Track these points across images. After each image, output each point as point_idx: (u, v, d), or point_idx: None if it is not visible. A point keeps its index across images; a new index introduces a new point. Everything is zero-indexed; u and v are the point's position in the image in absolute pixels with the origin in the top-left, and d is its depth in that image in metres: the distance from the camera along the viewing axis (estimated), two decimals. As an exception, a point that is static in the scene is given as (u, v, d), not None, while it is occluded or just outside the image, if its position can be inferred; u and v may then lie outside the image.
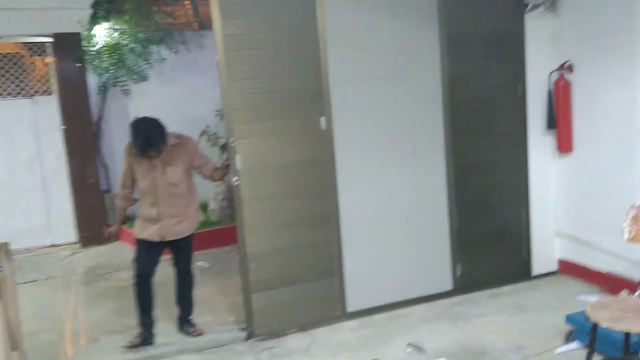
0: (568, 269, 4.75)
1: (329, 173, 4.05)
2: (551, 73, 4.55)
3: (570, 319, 3.58)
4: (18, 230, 6.20)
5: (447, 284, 4.46)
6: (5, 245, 2.95)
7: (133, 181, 3.90)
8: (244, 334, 3.97)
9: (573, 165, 4.60)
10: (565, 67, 4.48)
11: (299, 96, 3.94)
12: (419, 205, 4.35)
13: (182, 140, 3.89)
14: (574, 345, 3.53)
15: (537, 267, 4.78)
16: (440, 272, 4.44)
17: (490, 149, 4.52)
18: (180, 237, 3.87)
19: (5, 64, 6.52)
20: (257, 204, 3.90)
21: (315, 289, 4.09)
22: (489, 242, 4.58)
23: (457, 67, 4.31)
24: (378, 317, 4.20)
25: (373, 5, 4.10)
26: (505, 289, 4.58)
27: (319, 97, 3.98)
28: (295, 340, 3.94)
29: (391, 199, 4.26)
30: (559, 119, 4.53)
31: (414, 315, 4.20)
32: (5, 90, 6.52)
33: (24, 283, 5.23)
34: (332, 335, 3.97)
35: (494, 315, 4.14)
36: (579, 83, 4.46)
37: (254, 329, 3.95)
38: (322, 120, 3.99)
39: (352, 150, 4.11)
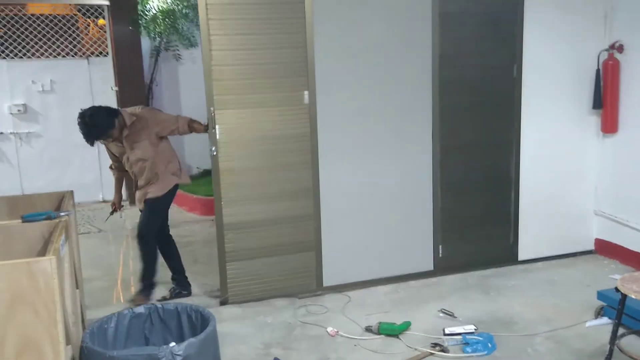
0: (604, 248, 4.78)
1: (310, 148, 4.04)
2: (600, 53, 4.52)
3: (601, 295, 3.65)
4: (71, 185, 6.48)
5: (428, 265, 4.46)
6: (71, 192, 3.20)
7: (116, 156, 4.10)
8: (217, 301, 4.09)
9: (617, 145, 4.59)
10: (616, 47, 4.45)
11: (282, 69, 3.91)
12: (403, 185, 4.32)
13: (139, 115, 3.93)
14: (604, 320, 3.60)
15: (569, 246, 4.79)
16: (421, 252, 4.44)
17: (480, 130, 4.44)
18: (147, 198, 4.03)
19: (63, 25, 6.79)
20: (235, 175, 3.93)
21: (291, 262, 4.14)
22: (474, 225, 4.53)
23: (449, 46, 4.22)
24: (413, 283, 4.35)
25: None
26: (539, 264, 4.67)
27: (303, 70, 3.94)
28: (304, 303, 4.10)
29: (374, 177, 4.25)
30: (605, 99, 4.52)
31: (447, 284, 4.34)
32: (63, 50, 6.81)
33: (78, 234, 5.55)
34: (366, 297, 4.15)
35: (526, 288, 4.23)
36: (628, 64, 4.44)
37: (227, 297, 4.04)
38: (306, 94, 3.96)
39: (335, 126, 4.09)
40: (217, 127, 3.83)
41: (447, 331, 3.52)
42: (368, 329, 3.60)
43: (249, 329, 3.70)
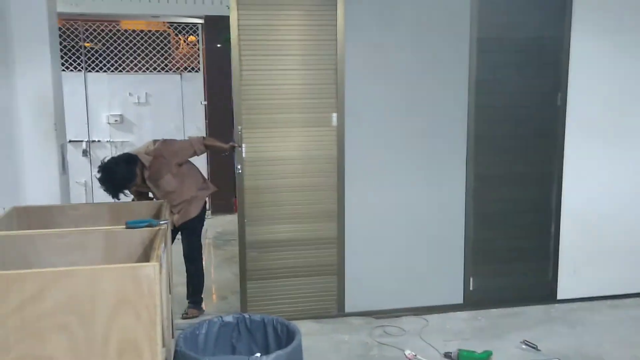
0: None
1: (337, 170, 4.01)
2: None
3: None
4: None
5: (458, 297, 4.30)
6: (166, 202, 3.37)
7: (142, 192, 4.13)
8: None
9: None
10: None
11: (311, 90, 3.91)
12: (433, 212, 4.20)
13: (155, 153, 3.96)
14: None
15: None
16: (451, 284, 4.29)
17: (519, 160, 4.25)
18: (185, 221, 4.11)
19: (157, 41, 7.18)
20: (259, 194, 3.96)
21: (313, 284, 4.11)
22: (509, 259, 4.34)
23: (486, 71, 4.10)
24: (494, 311, 4.26)
25: (398, 2, 3.97)
26: (628, 301, 4.45)
27: (333, 92, 3.93)
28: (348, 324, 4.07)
29: (402, 202, 4.15)
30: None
31: (530, 314, 4.21)
32: (159, 65, 7.20)
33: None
34: (445, 323, 4.09)
35: (614, 325, 4.04)
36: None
37: None
38: (334, 116, 3.95)
39: (363, 149, 4.04)
40: (243, 145, 3.88)
41: (529, 364, 3.42)
42: (447, 355, 3.55)
43: (326, 345, 3.74)
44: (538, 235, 4.38)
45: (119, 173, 3.70)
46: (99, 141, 7.11)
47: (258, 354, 2.75)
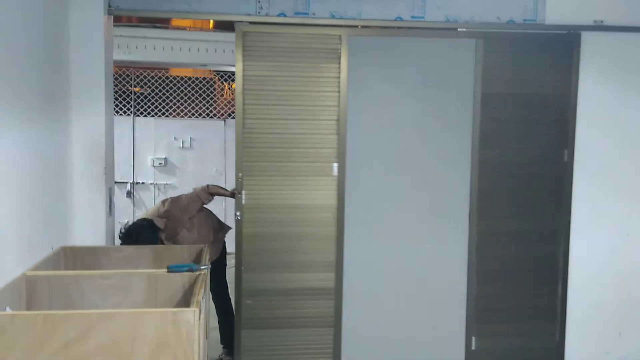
0: None
1: (336, 220, 3.95)
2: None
3: None
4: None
5: (459, 357, 4.11)
6: (207, 247, 3.43)
7: None
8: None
9: None
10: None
11: (313, 140, 3.91)
12: (434, 268, 4.07)
13: (166, 214, 4.04)
14: None
15: None
16: (452, 343, 4.10)
17: (524, 216, 4.10)
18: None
19: (203, 88, 7.43)
20: (258, 241, 3.91)
21: (309, 336, 4.00)
22: (514, 318, 4.14)
23: (491, 126, 4.02)
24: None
25: (401, 57, 3.96)
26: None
27: (334, 142, 3.92)
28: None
29: (403, 256, 4.04)
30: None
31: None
32: (204, 111, 7.43)
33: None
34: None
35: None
36: None
37: None
38: (335, 166, 3.93)
39: (363, 200, 3.97)
40: (243, 192, 3.89)
41: None
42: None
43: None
44: (544, 295, 4.18)
45: (144, 240, 3.80)
46: (143, 183, 7.32)
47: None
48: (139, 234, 3.87)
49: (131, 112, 7.33)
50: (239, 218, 3.91)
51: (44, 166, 3.24)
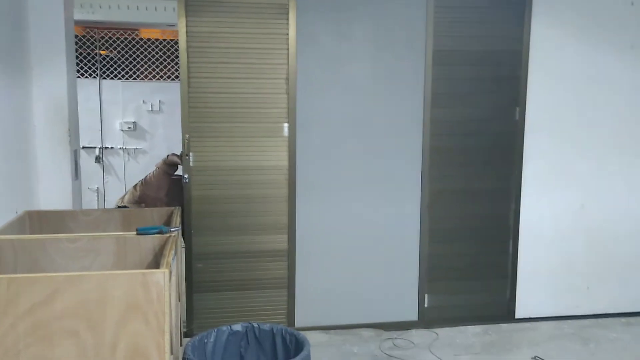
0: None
1: (288, 181, 3.93)
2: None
3: None
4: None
5: (412, 314, 4.20)
6: (179, 209, 3.38)
7: None
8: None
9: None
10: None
11: (262, 99, 3.85)
12: (388, 228, 4.11)
13: (143, 198, 4.27)
14: None
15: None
16: (405, 301, 4.19)
17: (476, 175, 4.14)
18: None
19: (172, 50, 7.24)
20: (207, 204, 3.88)
21: (262, 298, 4.01)
22: (465, 276, 4.22)
23: (442, 84, 4.02)
24: (505, 326, 4.20)
25: (351, 13, 3.91)
26: (641, 318, 4.39)
27: (284, 102, 3.86)
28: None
29: (356, 217, 4.07)
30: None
31: (542, 330, 4.16)
32: (172, 73, 7.25)
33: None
34: (455, 337, 4.04)
35: (629, 343, 3.97)
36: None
37: (192, 329, 3.93)
38: (285, 126, 3.88)
39: (315, 161, 3.97)
40: (191, 154, 3.83)
41: (541, 380, 3.37)
42: (457, 369, 3.51)
43: (335, 357, 3.70)
44: (495, 252, 4.27)
45: None
46: (112, 148, 7.15)
47: (266, 364, 2.73)
48: None
49: (97, 75, 7.11)
50: (186, 181, 3.83)
51: (3, 127, 3.12)
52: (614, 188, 4.36)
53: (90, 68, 7.09)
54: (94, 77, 7.09)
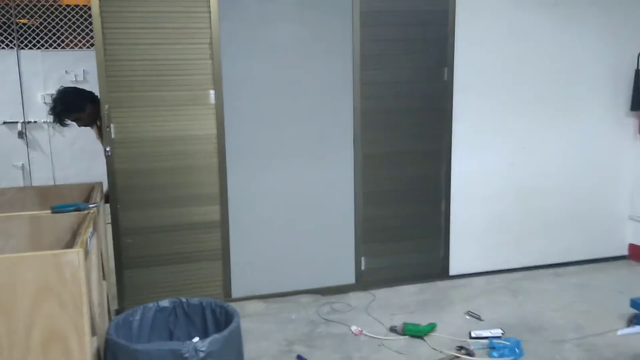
0: (639, 254, 4.65)
1: (217, 150, 3.82)
2: None
3: (634, 302, 3.54)
4: (102, 174, 6.66)
5: (350, 278, 4.23)
6: (100, 184, 3.23)
7: None
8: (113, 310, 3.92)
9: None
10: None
11: (185, 66, 3.70)
12: (321, 193, 4.09)
13: None
14: (637, 328, 3.50)
15: (586, 253, 4.64)
16: (342, 265, 4.21)
17: (407, 137, 4.15)
18: None
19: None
20: (133, 177, 3.74)
21: (196, 270, 3.94)
22: (400, 237, 4.27)
23: (371, 46, 3.96)
24: (440, 284, 4.29)
25: None
26: (571, 269, 4.56)
27: (209, 68, 3.73)
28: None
29: (289, 184, 4.03)
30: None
31: (475, 285, 4.27)
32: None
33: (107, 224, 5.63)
34: (392, 297, 4.10)
35: (556, 293, 4.13)
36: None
37: (124, 307, 3.79)
38: (211, 93, 3.76)
39: (245, 128, 3.88)
40: (112, 125, 3.66)
41: (473, 334, 3.46)
42: (392, 329, 3.56)
43: (272, 325, 3.69)
44: (428, 212, 4.32)
45: (72, 100, 3.80)
46: (35, 122, 6.78)
47: (196, 338, 2.68)
48: (73, 93, 3.87)
49: (15, 45, 6.68)
50: (109, 154, 3.67)
51: None
52: (543, 144, 4.45)
53: (7, 38, 6.65)
54: (12, 47, 6.66)
